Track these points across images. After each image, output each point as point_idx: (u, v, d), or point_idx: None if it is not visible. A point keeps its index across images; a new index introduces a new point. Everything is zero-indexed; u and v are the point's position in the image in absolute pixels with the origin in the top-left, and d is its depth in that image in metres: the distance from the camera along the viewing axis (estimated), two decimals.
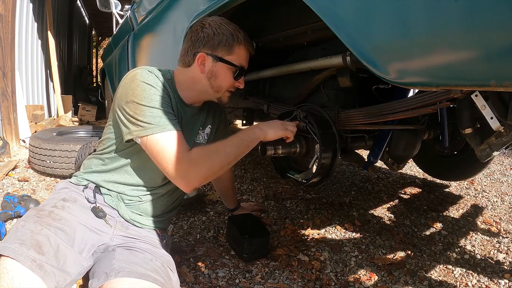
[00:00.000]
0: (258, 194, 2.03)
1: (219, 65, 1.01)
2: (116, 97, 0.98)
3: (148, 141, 0.91)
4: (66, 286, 0.81)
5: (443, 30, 0.51)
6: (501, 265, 1.34)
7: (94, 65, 12.41)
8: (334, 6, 0.69)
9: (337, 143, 1.13)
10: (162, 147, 0.90)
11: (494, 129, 0.79)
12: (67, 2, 6.79)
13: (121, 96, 0.95)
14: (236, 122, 4.80)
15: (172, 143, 0.90)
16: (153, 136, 0.90)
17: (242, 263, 1.30)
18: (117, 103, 0.97)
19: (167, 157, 0.90)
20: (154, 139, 0.90)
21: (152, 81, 0.95)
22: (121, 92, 0.96)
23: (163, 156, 0.90)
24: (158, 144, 0.90)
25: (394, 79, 0.62)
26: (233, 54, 1.01)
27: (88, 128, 3.20)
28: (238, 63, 1.02)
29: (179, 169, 0.90)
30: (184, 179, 0.92)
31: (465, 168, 1.96)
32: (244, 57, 1.05)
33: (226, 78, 1.03)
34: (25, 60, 4.42)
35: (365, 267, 1.30)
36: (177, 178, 0.92)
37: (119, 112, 0.95)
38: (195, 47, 1.01)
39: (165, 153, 0.90)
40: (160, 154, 0.91)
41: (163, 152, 0.90)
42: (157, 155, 0.91)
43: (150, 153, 0.93)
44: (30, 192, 2.02)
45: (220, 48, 1.00)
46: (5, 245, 0.79)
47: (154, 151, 0.91)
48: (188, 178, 0.92)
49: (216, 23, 1.00)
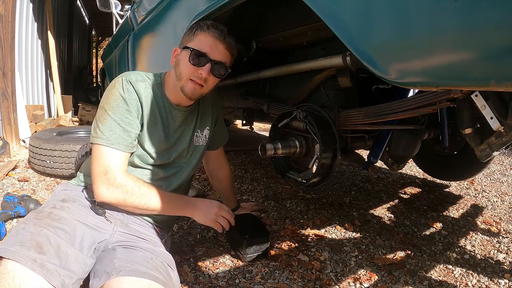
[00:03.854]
0: (258, 194, 2.03)
1: (182, 52, 1.04)
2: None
3: (94, 148, 0.99)
4: (73, 285, 0.81)
5: (443, 30, 0.51)
6: (501, 265, 1.34)
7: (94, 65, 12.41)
8: (334, 6, 0.70)
9: (337, 143, 1.13)
10: (99, 157, 0.97)
11: (494, 129, 0.79)
12: (67, 2, 6.79)
13: (102, 99, 1.03)
14: (236, 122, 4.79)
15: (109, 158, 0.97)
16: (99, 146, 0.98)
17: (242, 263, 1.30)
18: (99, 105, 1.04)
19: (97, 167, 0.97)
20: (98, 148, 0.98)
21: (125, 93, 1.00)
22: (103, 96, 1.03)
23: (95, 165, 0.97)
24: (98, 153, 0.98)
25: (394, 79, 0.62)
26: (193, 40, 1.03)
27: (88, 128, 3.19)
28: (196, 47, 1.01)
29: (97, 180, 0.96)
30: (97, 191, 0.96)
31: (465, 168, 1.96)
32: (206, 43, 1.01)
33: (185, 63, 1.03)
34: (25, 60, 4.42)
35: (365, 267, 1.30)
36: (94, 187, 0.97)
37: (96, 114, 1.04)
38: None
39: (98, 163, 0.97)
40: (95, 162, 0.98)
41: (97, 162, 0.97)
42: (93, 161, 0.99)
43: (92, 157, 1.00)
44: (30, 192, 2.02)
45: (185, 37, 1.06)
46: (6, 248, 0.79)
47: (93, 157, 0.99)
48: (100, 192, 0.96)
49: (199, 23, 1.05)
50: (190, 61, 1.00)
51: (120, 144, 0.98)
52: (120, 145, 0.98)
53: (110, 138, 0.97)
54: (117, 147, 0.98)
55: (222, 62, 1.04)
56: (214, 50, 1.02)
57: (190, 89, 1.03)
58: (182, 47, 1.04)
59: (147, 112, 1.04)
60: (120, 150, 0.98)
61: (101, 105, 1.01)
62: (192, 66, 1.01)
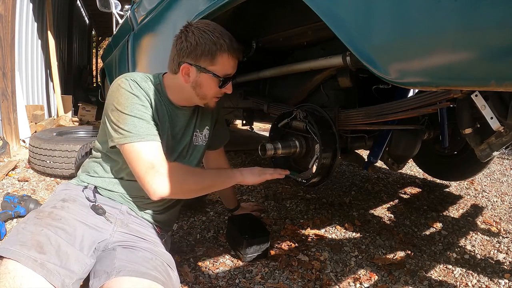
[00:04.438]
0: (258, 194, 2.03)
1: (203, 75, 0.99)
2: (105, 104, 1.02)
3: (127, 149, 0.95)
4: (73, 285, 0.81)
5: (443, 30, 0.51)
6: (501, 265, 1.34)
7: (94, 65, 12.41)
8: (334, 6, 0.69)
9: (337, 143, 1.13)
10: (137, 155, 0.94)
11: (494, 129, 0.79)
12: (67, 2, 6.79)
13: (108, 103, 0.99)
14: (236, 122, 4.79)
15: (148, 152, 0.94)
16: (132, 144, 0.94)
17: (242, 263, 1.30)
18: (105, 110, 1.01)
19: (141, 165, 0.94)
20: (132, 147, 0.94)
21: (135, 90, 0.98)
22: (108, 100, 0.99)
23: (137, 164, 0.94)
24: (134, 152, 0.94)
25: (394, 79, 0.62)
26: (216, 64, 0.98)
27: (88, 128, 3.20)
28: (222, 73, 0.99)
29: (147, 177, 0.93)
30: (152, 186, 0.94)
31: (465, 168, 1.96)
32: (229, 65, 1.01)
33: (210, 88, 1.02)
34: (25, 60, 4.42)
35: (365, 267, 1.30)
36: (145, 185, 0.94)
37: (106, 120, 0.99)
38: (179, 57, 1.00)
39: (139, 160, 0.94)
40: (135, 161, 0.95)
41: (137, 160, 0.94)
42: (131, 161, 0.95)
43: (127, 160, 0.97)
44: (30, 192, 2.02)
45: (203, 58, 0.97)
46: (6, 247, 0.79)
47: (130, 158, 0.95)
48: (155, 186, 0.94)
49: (200, 30, 0.96)
50: (220, 87, 1.02)
51: (150, 135, 0.96)
52: (151, 135, 0.96)
53: (138, 133, 0.94)
54: (150, 139, 0.95)
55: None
56: (234, 68, 1.04)
57: (214, 104, 1.08)
58: (200, 68, 0.98)
59: (157, 111, 1.03)
60: (154, 140, 0.96)
61: (112, 108, 0.96)
62: (219, 88, 1.02)
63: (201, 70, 0.98)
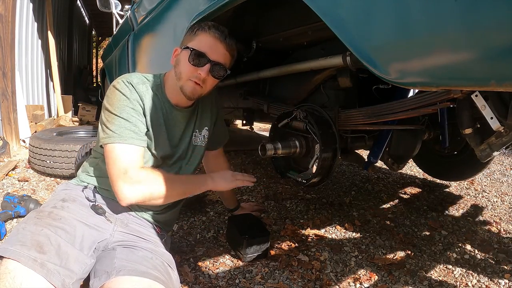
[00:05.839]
0: (258, 194, 2.03)
1: (183, 52, 1.03)
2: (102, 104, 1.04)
3: (107, 149, 0.96)
4: (73, 284, 0.81)
5: (443, 30, 0.51)
6: (501, 265, 1.34)
7: (94, 65, 12.41)
8: (334, 6, 0.69)
9: (337, 143, 1.13)
10: (115, 157, 0.94)
11: (494, 129, 0.79)
12: (67, 2, 6.79)
13: (104, 103, 1.01)
14: (236, 122, 4.79)
15: (126, 156, 0.94)
16: (113, 145, 0.95)
17: (242, 263, 1.30)
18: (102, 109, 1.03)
19: (115, 168, 0.93)
20: (112, 147, 0.95)
21: (127, 92, 0.99)
22: (105, 99, 1.02)
23: (113, 166, 0.94)
24: (113, 153, 0.95)
25: (394, 79, 0.62)
26: (194, 40, 1.02)
27: (88, 128, 3.20)
28: (196, 47, 1.00)
29: (119, 181, 0.93)
30: (121, 192, 0.93)
31: (465, 168, 1.96)
32: (207, 43, 1.01)
33: (184, 63, 1.02)
34: (25, 60, 4.42)
35: (365, 267, 1.30)
36: (116, 189, 0.94)
37: (100, 119, 1.01)
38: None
39: (115, 164, 0.94)
40: (111, 163, 0.94)
41: (114, 163, 0.94)
42: (108, 162, 0.95)
43: (106, 160, 0.97)
44: (30, 192, 2.02)
45: (186, 37, 1.05)
46: (6, 247, 0.79)
47: (108, 158, 0.95)
48: (125, 192, 0.93)
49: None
50: (190, 61, 1.00)
51: (133, 139, 0.96)
52: (134, 139, 0.96)
53: (122, 135, 0.95)
54: (131, 142, 0.95)
55: (221, 63, 1.03)
56: (214, 50, 1.01)
57: (189, 89, 1.03)
58: (183, 47, 1.04)
59: (150, 115, 1.03)
60: (135, 145, 0.96)
61: (105, 108, 0.99)
62: (192, 66, 1.00)
63: (183, 48, 1.04)
